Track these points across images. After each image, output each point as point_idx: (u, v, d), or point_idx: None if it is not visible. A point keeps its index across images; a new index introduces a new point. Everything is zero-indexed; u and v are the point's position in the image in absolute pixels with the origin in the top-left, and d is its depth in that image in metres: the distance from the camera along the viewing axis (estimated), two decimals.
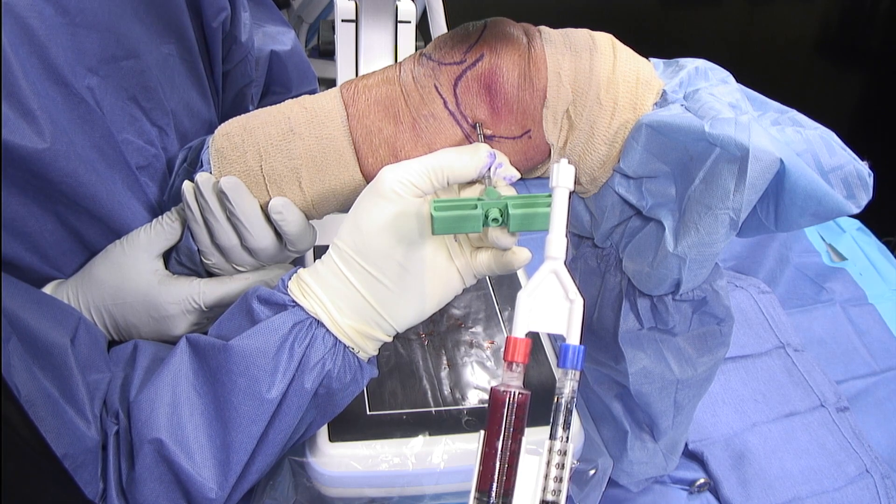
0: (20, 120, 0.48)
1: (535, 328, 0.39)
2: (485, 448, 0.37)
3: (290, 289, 0.49)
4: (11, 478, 0.35)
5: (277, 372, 0.47)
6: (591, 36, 0.51)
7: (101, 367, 0.51)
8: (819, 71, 2.09)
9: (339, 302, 0.48)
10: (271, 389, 0.46)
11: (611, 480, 0.64)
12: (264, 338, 0.47)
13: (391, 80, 0.52)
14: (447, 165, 0.47)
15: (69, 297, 0.55)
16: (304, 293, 0.49)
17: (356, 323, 0.48)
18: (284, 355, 0.47)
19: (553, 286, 0.39)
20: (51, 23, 0.50)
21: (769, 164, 0.44)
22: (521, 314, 0.39)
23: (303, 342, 0.47)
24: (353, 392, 0.51)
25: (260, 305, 0.49)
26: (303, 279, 0.49)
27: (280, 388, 0.47)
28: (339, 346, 0.48)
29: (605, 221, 0.54)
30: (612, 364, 0.60)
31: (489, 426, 0.37)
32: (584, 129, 0.51)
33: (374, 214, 0.47)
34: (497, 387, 0.38)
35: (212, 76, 0.69)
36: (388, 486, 0.57)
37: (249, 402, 0.47)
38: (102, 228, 0.56)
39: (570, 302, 0.39)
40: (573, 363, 0.37)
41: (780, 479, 0.73)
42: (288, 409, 0.48)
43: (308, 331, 0.48)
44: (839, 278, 1.02)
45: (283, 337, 0.47)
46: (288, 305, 0.48)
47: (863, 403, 0.85)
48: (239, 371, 0.47)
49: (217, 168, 0.54)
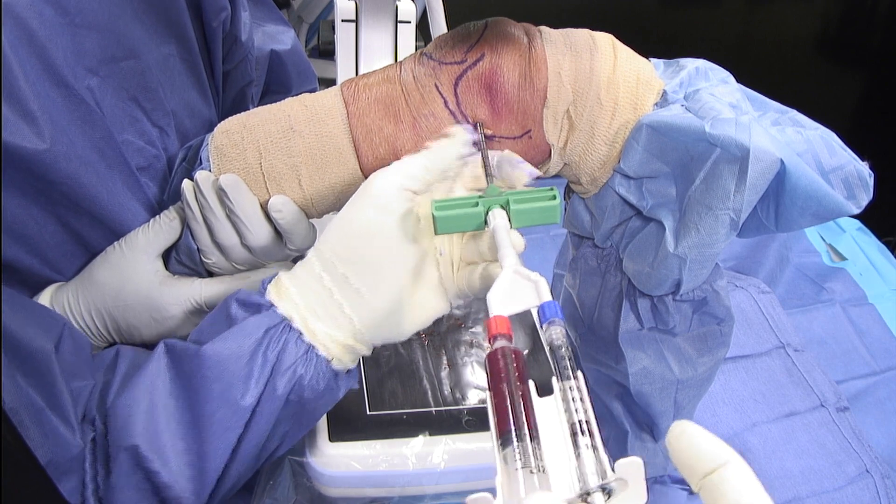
0: (20, 121, 0.48)
1: (509, 311, 0.39)
2: (494, 400, 0.35)
3: (268, 290, 0.48)
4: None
5: (252, 377, 0.45)
6: (592, 36, 0.51)
7: (85, 375, 0.49)
8: (819, 71, 2.09)
9: (315, 307, 0.47)
10: (246, 396, 0.45)
11: None
12: (238, 341, 0.46)
13: (392, 78, 0.52)
14: (432, 156, 0.47)
15: (69, 300, 0.55)
16: (280, 295, 0.47)
17: (331, 330, 0.47)
18: (258, 360, 0.45)
19: (516, 280, 0.40)
20: (51, 23, 0.50)
21: (770, 164, 0.44)
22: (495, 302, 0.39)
23: (276, 346, 0.46)
24: (328, 402, 0.50)
25: (238, 308, 0.47)
26: (281, 281, 0.48)
27: (254, 393, 0.45)
28: (311, 352, 0.47)
29: (606, 221, 0.54)
30: (612, 364, 0.60)
31: (492, 381, 0.36)
32: (584, 129, 0.51)
33: (360, 219, 0.46)
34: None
35: (212, 76, 0.69)
36: (388, 486, 0.57)
37: (224, 409, 0.45)
38: (103, 230, 0.56)
39: (535, 283, 0.40)
40: (553, 313, 0.38)
41: (780, 479, 0.73)
42: (261, 416, 0.46)
43: (282, 334, 0.46)
44: (839, 278, 1.02)
45: (258, 341, 0.46)
46: (263, 307, 0.47)
47: (863, 403, 0.85)
48: (213, 377, 0.45)
49: (216, 166, 0.54)
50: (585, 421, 0.33)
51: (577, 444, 0.32)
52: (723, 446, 0.29)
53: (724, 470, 0.28)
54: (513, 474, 0.31)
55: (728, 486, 0.27)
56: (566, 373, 0.35)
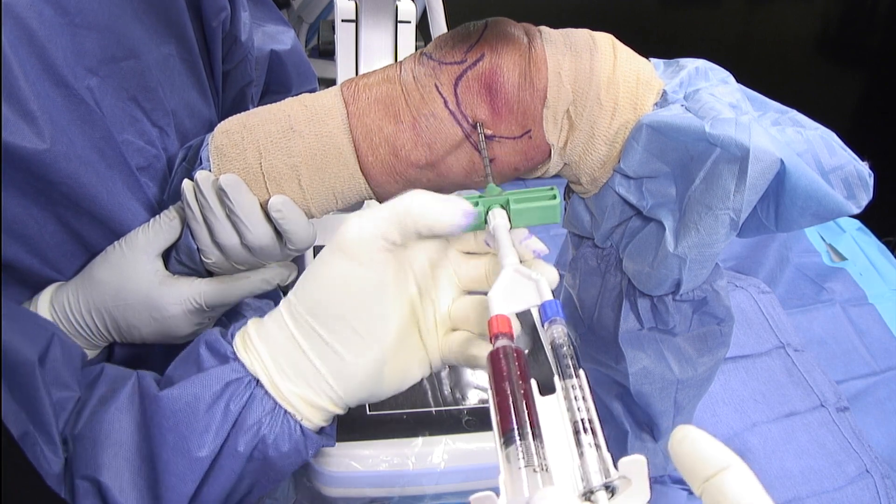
0: (20, 121, 0.48)
1: (510, 310, 0.39)
2: (496, 398, 0.34)
3: (234, 341, 0.45)
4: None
5: (209, 431, 0.43)
6: (592, 36, 0.51)
7: (71, 385, 0.47)
8: (819, 71, 2.09)
9: (282, 364, 0.44)
10: (202, 448, 0.43)
11: None
12: (195, 392, 0.43)
13: (392, 78, 0.52)
14: (417, 213, 0.41)
15: (69, 299, 0.55)
16: (246, 347, 0.45)
17: (300, 389, 0.44)
18: (218, 413, 0.43)
19: (516, 279, 0.40)
20: (50, 23, 0.50)
21: (769, 164, 0.44)
22: (496, 301, 0.40)
23: (239, 400, 0.43)
24: (296, 462, 0.46)
25: (205, 351, 0.45)
26: (248, 332, 0.45)
27: (212, 448, 0.43)
28: (278, 410, 0.44)
29: (606, 221, 0.54)
30: (612, 364, 0.60)
31: (494, 380, 0.35)
32: (584, 129, 0.51)
33: (332, 270, 0.42)
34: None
35: (212, 76, 0.69)
36: (389, 486, 0.57)
37: (179, 460, 0.43)
38: (103, 230, 0.56)
39: (535, 282, 0.40)
40: (554, 312, 0.38)
41: (780, 479, 0.73)
42: (221, 472, 0.44)
43: (245, 389, 0.44)
44: (839, 278, 1.02)
45: (217, 394, 0.43)
46: (229, 358, 0.44)
47: (863, 403, 0.85)
48: (168, 426, 0.43)
49: (216, 166, 0.54)
50: (588, 419, 0.33)
51: (580, 442, 0.32)
52: (725, 450, 0.29)
53: (726, 474, 0.28)
54: (516, 473, 0.31)
55: (730, 489, 0.28)
56: (568, 371, 0.35)
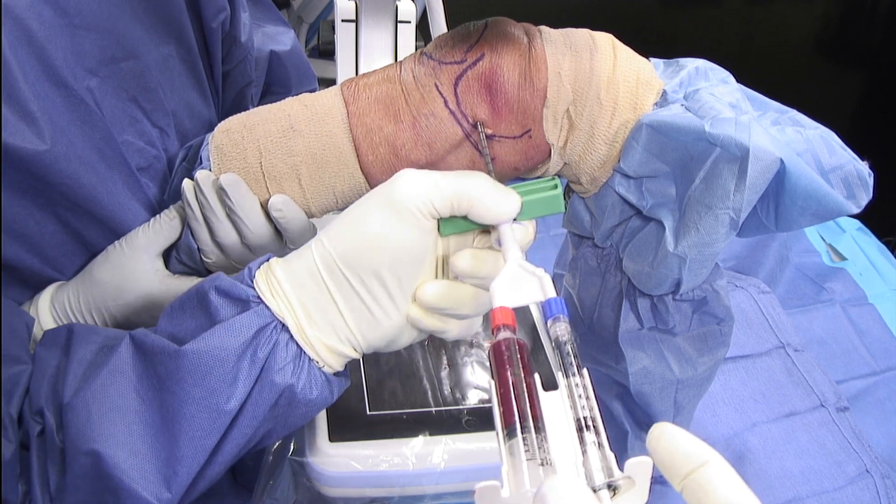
0: (20, 122, 0.48)
1: (513, 303, 0.39)
2: (499, 390, 0.34)
3: (256, 282, 0.43)
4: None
5: (238, 382, 0.42)
6: (592, 36, 0.52)
7: (21, 358, 0.44)
8: (819, 71, 2.09)
9: (311, 311, 0.43)
10: (230, 400, 0.41)
11: None
12: (224, 343, 0.41)
13: (392, 78, 0.52)
14: (476, 196, 0.42)
15: (70, 299, 0.55)
16: (272, 291, 0.43)
17: (326, 337, 0.43)
18: (246, 363, 0.42)
19: (520, 274, 0.40)
20: (50, 24, 0.50)
21: (769, 163, 0.44)
22: (499, 293, 0.39)
23: (266, 347, 0.42)
24: (321, 407, 0.46)
25: (219, 298, 0.43)
26: (274, 273, 0.43)
27: (239, 398, 0.42)
28: (304, 357, 0.43)
29: (606, 221, 0.54)
30: (612, 364, 0.60)
31: (497, 371, 0.35)
32: (584, 128, 0.51)
33: (380, 225, 0.42)
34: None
35: (212, 77, 0.69)
36: (388, 486, 0.57)
37: (204, 414, 0.41)
38: (103, 230, 0.56)
39: (539, 278, 0.40)
40: (558, 309, 0.38)
41: (780, 479, 0.73)
42: (244, 420, 0.43)
43: (272, 335, 0.42)
44: (839, 278, 1.02)
45: (247, 342, 0.42)
46: (252, 302, 0.43)
47: (863, 403, 0.85)
48: (193, 381, 0.41)
49: (217, 165, 0.54)
50: (591, 417, 0.33)
51: (583, 440, 0.32)
52: (703, 446, 0.29)
53: (705, 469, 0.28)
54: (518, 465, 0.31)
55: (710, 484, 0.27)
56: (571, 369, 0.35)
